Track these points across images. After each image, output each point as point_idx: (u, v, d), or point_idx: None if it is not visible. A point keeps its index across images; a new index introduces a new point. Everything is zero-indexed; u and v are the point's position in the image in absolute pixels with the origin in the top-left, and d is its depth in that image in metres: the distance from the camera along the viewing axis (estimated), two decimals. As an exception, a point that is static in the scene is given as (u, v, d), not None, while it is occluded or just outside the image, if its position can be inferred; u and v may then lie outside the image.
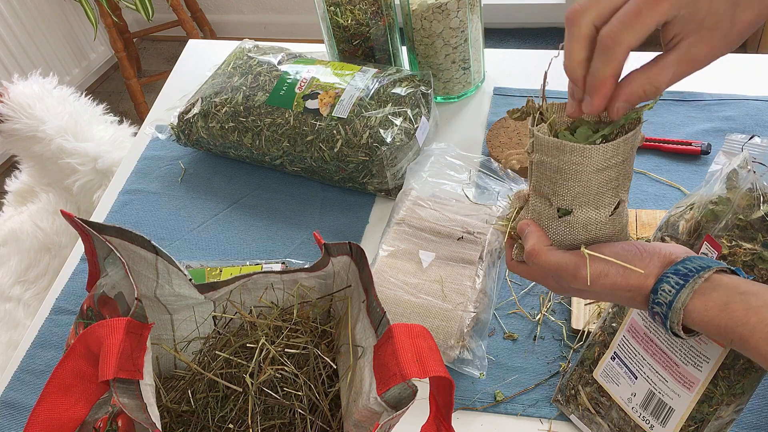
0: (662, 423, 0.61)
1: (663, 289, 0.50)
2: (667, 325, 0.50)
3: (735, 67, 1.06)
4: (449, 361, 0.75)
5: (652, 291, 0.51)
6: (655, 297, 0.51)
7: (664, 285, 0.50)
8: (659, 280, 0.51)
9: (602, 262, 0.53)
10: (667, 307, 0.50)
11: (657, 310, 0.51)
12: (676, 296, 0.49)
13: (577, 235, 0.55)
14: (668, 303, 0.50)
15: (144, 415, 0.49)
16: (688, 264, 0.50)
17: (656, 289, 0.51)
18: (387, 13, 1.02)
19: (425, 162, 0.93)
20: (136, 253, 0.62)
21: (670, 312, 0.50)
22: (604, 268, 0.53)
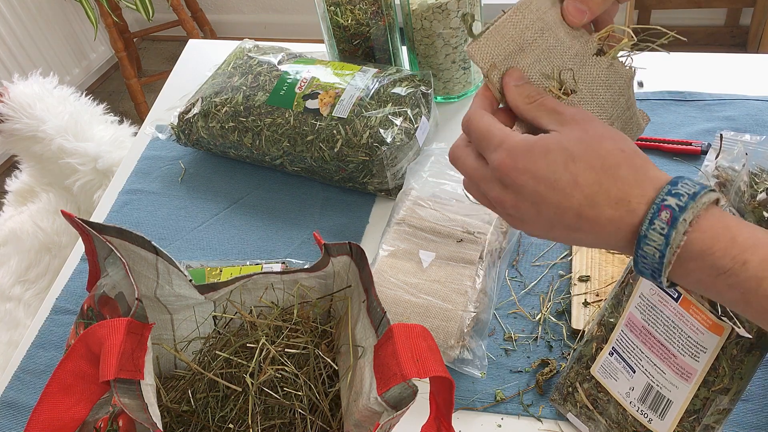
0: (660, 416, 0.62)
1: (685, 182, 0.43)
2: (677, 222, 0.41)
3: (735, 67, 1.06)
4: (449, 361, 0.75)
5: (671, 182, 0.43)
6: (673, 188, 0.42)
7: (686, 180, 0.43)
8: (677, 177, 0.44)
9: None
10: (690, 197, 0.42)
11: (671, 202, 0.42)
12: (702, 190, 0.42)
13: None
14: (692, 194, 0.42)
15: (145, 415, 0.50)
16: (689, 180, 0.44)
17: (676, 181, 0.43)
18: (387, 13, 1.02)
19: (425, 162, 0.93)
20: (136, 253, 0.62)
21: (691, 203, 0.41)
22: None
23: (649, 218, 0.43)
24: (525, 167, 0.46)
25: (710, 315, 0.57)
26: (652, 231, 0.42)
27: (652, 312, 0.62)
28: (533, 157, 0.45)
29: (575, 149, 0.45)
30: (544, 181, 0.45)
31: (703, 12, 2.40)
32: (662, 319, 0.61)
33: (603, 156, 0.45)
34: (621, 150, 0.45)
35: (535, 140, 0.46)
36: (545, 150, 0.45)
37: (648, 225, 0.43)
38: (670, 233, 0.42)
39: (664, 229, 0.42)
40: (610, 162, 0.44)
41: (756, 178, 0.56)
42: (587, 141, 0.45)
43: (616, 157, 0.44)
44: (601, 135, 0.46)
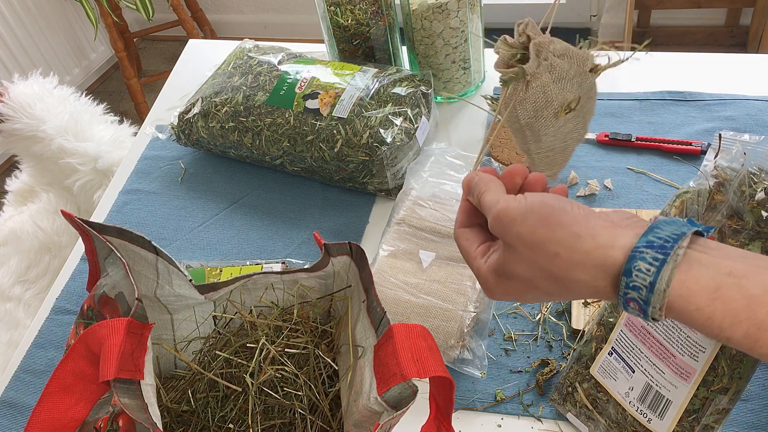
0: (660, 416, 0.62)
1: (639, 268, 0.41)
2: (648, 312, 0.41)
3: (735, 67, 1.07)
4: (449, 361, 0.75)
5: (624, 273, 0.41)
6: (629, 280, 0.41)
7: (639, 263, 0.41)
8: (631, 257, 0.41)
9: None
10: (648, 291, 0.41)
11: (633, 296, 0.41)
12: (657, 276, 0.40)
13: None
14: (648, 286, 0.40)
15: (145, 415, 0.50)
16: (659, 232, 0.41)
17: (629, 270, 0.41)
18: (387, 13, 1.02)
19: (425, 162, 0.93)
20: (136, 253, 0.62)
21: (652, 296, 0.41)
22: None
23: (623, 306, 0.43)
24: (502, 293, 0.50)
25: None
26: (630, 309, 0.43)
27: (651, 312, 0.62)
28: (501, 285, 0.49)
29: (523, 272, 0.47)
30: (524, 297, 0.49)
31: (703, 12, 2.40)
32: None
33: (547, 268, 0.45)
34: (556, 255, 0.44)
35: (495, 268, 0.49)
36: (505, 276, 0.49)
37: (625, 308, 0.43)
38: (646, 318, 0.42)
39: (639, 314, 0.43)
40: (557, 271, 0.45)
41: (755, 178, 0.56)
42: (524, 259, 0.46)
43: (558, 265, 0.44)
44: (531, 245, 0.46)
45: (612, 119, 1.02)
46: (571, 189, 0.93)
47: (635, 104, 1.03)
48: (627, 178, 0.93)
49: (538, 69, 0.58)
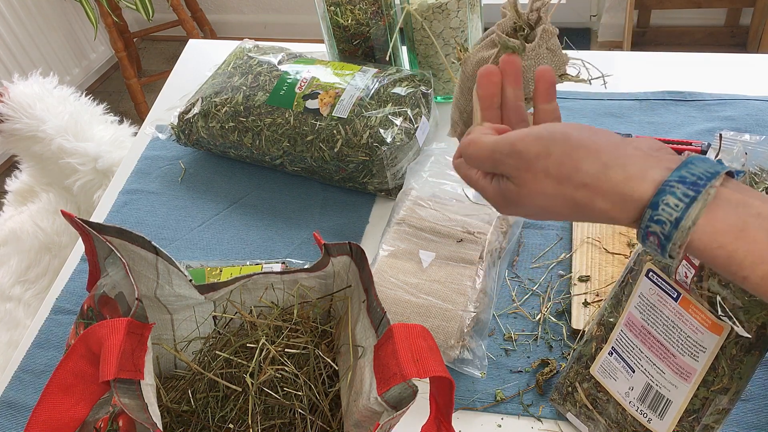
0: (660, 416, 0.62)
1: (667, 202, 0.40)
2: (667, 248, 0.41)
3: (735, 67, 1.07)
4: (449, 361, 0.75)
5: (650, 206, 0.41)
6: (654, 213, 0.40)
7: (668, 197, 0.40)
8: (660, 190, 0.40)
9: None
10: (673, 226, 0.40)
11: (655, 230, 0.41)
12: (685, 212, 0.39)
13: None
14: (674, 222, 0.40)
15: (145, 415, 0.50)
16: (693, 169, 0.40)
17: (656, 203, 0.40)
18: (387, 13, 1.02)
19: (425, 162, 0.93)
20: (136, 253, 0.62)
21: (675, 232, 0.40)
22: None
23: (641, 238, 0.43)
24: (511, 211, 0.50)
25: (710, 315, 0.57)
26: (648, 245, 0.43)
27: (651, 312, 0.62)
28: (512, 208, 0.49)
29: (541, 202, 0.46)
30: (536, 217, 0.49)
31: (703, 12, 2.40)
32: (662, 318, 0.61)
33: (570, 197, 0.44)
34: (583, 185, 0.44)
35: (503, 193, 0.49)
36: (517, 203, 0.48)
37: (642, 241, 0.43)
38: (664, 254, 0.42)
39: (657, 250, 0.42)
40: (580, 200, 0.44)
41: (756, 178, 0.56)
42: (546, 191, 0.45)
43: (583, 195, 0.44)
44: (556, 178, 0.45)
45: (612, 119, 1.02)
46: (571, 189, 0.93)
47: (635, 104, 1.03)
48: (627, 178, 0.93)
49: (532, 52, 0.58)
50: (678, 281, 0.59)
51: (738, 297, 0.55)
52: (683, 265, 0.57)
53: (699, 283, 0.57)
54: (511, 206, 0.49)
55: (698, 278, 0.56)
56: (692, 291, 0.58)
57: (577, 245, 0.85)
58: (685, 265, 0.57)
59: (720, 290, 0.55)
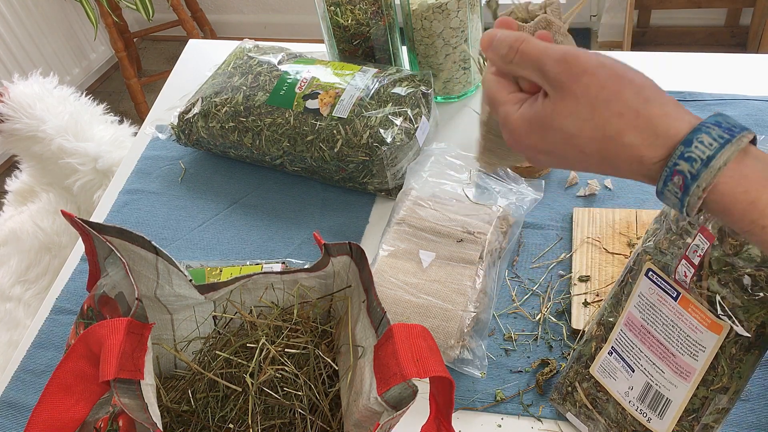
0: (659, 415, 0.62)
1: (701, 140, 0.40)
2: (690, 189, 0.41)
3: (735, 67, 1.06)
4: (449, 361, 0.75)
5: (683, 142, 0.41)
6: (687, 150, 0.40)
7: (704, 136, 0.40)
8: (696, 129, 0.41)
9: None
10: (703, 164, 0.40)
11: (683, 168, 0.40)
12: (718, 152, 0.39)
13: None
14: (705, 159, 0.40)
15: (145, 414, 0.50)
16: (727, 118, 0.41)
17: (690, 140, 0.40)
18: (387, 13, 1.02)
19: (425, 162, 0.93)
20: (136, 253, 0.62)
21: (704, 171, 0.40)
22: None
23: (663, 180, 0.42)
24: (530, 145, 0.47)
25: (709, 314, 0.57)
26: (667, 191, 0.43)
27: (651, 311, 0.62)
28: (534, 137, 0.47)
29: (570, 125, 0.44)
30: (554, 154, 0.47)
31: (703, 12, 2.40)
32: (661, 318, 0.61)
33: (601, 127, 0.43)
34: (618, 115, 0.43)
35: (530, 118, 0.46)
36: (542, 129, 0.46)
37: (662, 186, 0.43)
38: (684, 198, 0.42)
39: (677, 193, 0.42)
40: (611, 131, 0.43)
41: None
42: (580, 113, 0.44)
43: (615, 125, 0.43)
44: (592, 102, 0.43)
45: (612, 119, 1.02)
46: (571, 188, 0.93)
47: (635, 104, 1.03)
48: (627, 178, 0.93)
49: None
50: (677, 281, 0.59)
51: (737, 296, 0.55)
52: (683, 264, 0.57)
53: (698, 282, 0.57)
54: (533, 134, 0.46)
55: (698, 278, 0.57)
56: (692, 290, 0.58)
57: (577, 245, 0.85)
58: (685, 264, 0.57)
59: (719, 289, 0.55)
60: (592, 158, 0.45)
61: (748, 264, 0.54)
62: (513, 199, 0.88)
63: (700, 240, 0.56)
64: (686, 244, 0.57)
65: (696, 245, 0.56)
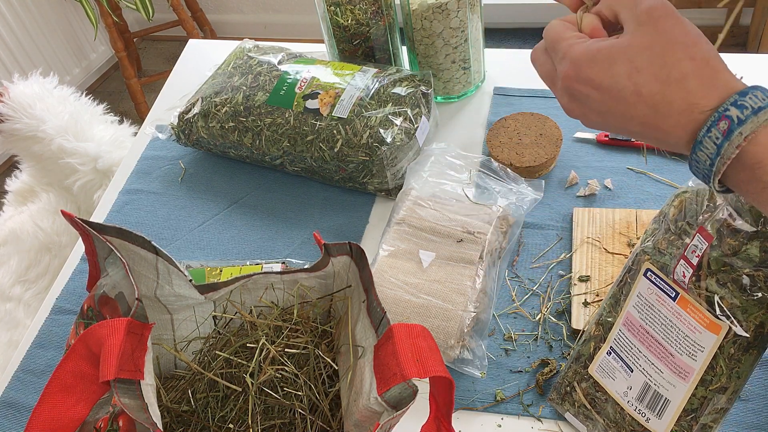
0: (658, 415, 0.62)
1: (755, 94, 0.42)
2: (733, 135, 0.42)
3: (735, 67, 1.06)
4: (449, 361, 0.75)
5: (739, 93, 0.43)
6: (740, 99, 0.42)
7: (758, 92, 0.42)
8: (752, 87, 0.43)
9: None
10: (753, 112, 0.42)
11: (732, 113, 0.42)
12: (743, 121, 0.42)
13: None
14: (756, 108, 0.42)
15: (145, 415, 0.50)
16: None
17: (746, 92, 0.43)
18: (387, 13, 1.02)
19: (425, 162, 0.94)
20: (136, 253, 0.62)
21: (752, 118, 0.41)
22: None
23: (708, 125, 0.43)
24: (588, 77, 0.47)
25: (708, 314, 0.57)
26: (707, 138, 0.43)
27: (649, 311, 0.62)
28: (596, 68, 0.47)
29: (640, 59, 0.45)
30: (608, 92, 0.46)
31: (703, 12, 2.40)
32: (660, 318, 0.61)
33: (670, 66, 0.44)
34: (690, 58, 0.44)
35: (598, 49, 0.47)
36: (609, 60, 0.46)
37: (705, 132, 0.43)
38: (723, 144, 0.42)
39: (718, 138, 0.43)
40: (677, 74, 0.44)
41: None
42: (655, 49, 0.45)
43: (684, 68, 0.44)
44: (672, 41, 0.45)
45: (612, 119, 1.02)
46: (571, 189, 0.94)
47: (635, 104, 1.03)
48: (627, 178, 0.93)
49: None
50: (676, 281, 0.59)
51: (736, 296, 0.55)
52: (681, 264, 0.57)
53: (697, 282, 0.57)
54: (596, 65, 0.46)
55: (696, 278, 0.57)
56: (690, 290, 0.58)
57: (577, 245, 0.85)
58: (683, 264, 0.57)
59: (718, 290, 0.55)
60: (644, 103, 0.45)
61: (747, 264, 0.54)
62: (513, 199, 0.88)
63: (698, 240, 0.56)
64: (685, 244, 0.57)
65: (694, 245, 0.56)
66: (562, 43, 0.49)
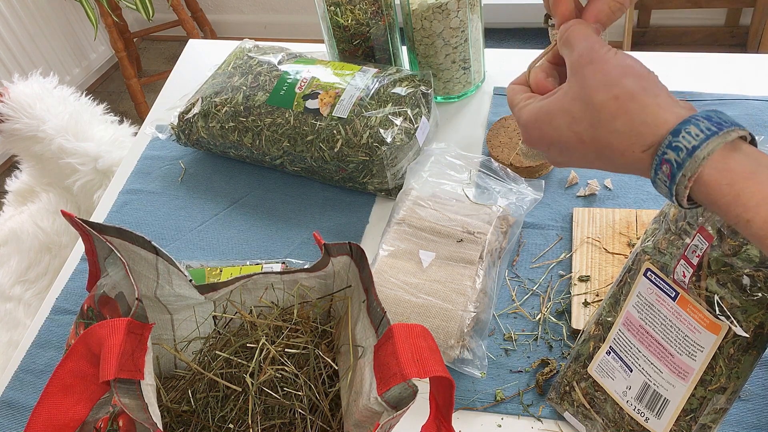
0: (657, 415, 0.62)
1: (689, 131, 0.42)
2: (676, 178, 0.42)
3: (735, 67, 1.07)
4: (449, 361, 0.75)
5: (672, 132, 0.42)
6: (674, 140, 0.42)
7: (692, 127, 0.42)
8: (686, 120, 0.42)
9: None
10: (688, 154, 0.41)
11: (670, 157, 0.42)
12: (703, 142, 0.41)
13: None
14: (690, 149, 0.41)
15: (145, 415, 0.50)
16: (721, 115, 0.43)
17: (678, 130, 0.42)
18: (387, 13, 1.02)
19: (425, 162, 0.94)
20: (136, 253, 0.62)
21: (689, 161, 0.41)
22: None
23: (654, 168, 0.44)
24: (538, 137, 0.51)
25: (707, 314, 0.57)
26: (658, 180, 0.44)
27: (649, 311, 0.62)
28: (541, 127, 0.50)
29: (575, 109, 0.47)
30: (557, 144, 0.49)
31: (703, 12, 2.40)
32: (659, 318, 0.61)
33: (597, 110, 0.46)
34: (614, 98, 0.45)
35: (539, 108, 0.50)
36: (549, 116, 0.49)
37: (654, 175, 0.44)
38: (671, 187, 0.43)
39: (666, 182, 0.44)
40: (605, 116, 0.45)
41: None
42: (584, 97, 0.46)
43: (610, 109, 0.45)
44: (596, 85, 0.46)
45: (612, 119, 1.02)
46: (571, 188, 0.94)
47: (635, 104, 1.03)
48: (627, 178, 0.93)
49: None
50: (676, 281, 0.59)
51: (736, 297, 0.55)
52: (681, 264, 0.57)
53: (697, 282, 0.57)
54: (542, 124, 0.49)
55: (696, 278, 0.57)
56: (690, 290, 0.58)
57: (577, 245, 0.85)
58: (684, 264, 0.57)
59: (718, 290, 0.55)
60: (589, 148, 0.47)
61: (747, 264, 0.54)
62: (513, 199, 0.88)
63: (698, 240, 0.56)
64: (685, 244, 0.57)
65: (695, 245, 0.56)
66: (514, 110, 0.53)
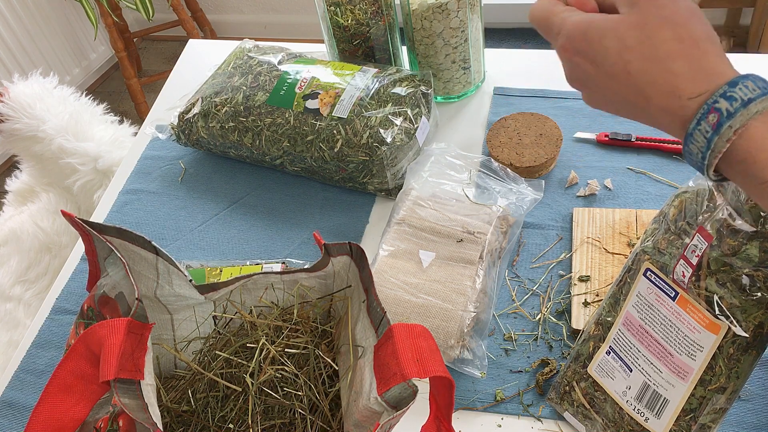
0: (657, 415, 0.62)
1: (746, 84, 0.41)
2: (722, 128, 0.41)
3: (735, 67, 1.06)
4: (449, 361, 0.75)
5: (729, 83, 0.42)
6: (730, 89, 0.41)
7: (749, 82, 0.41)
8: (743, 76, 0.42)
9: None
10: (742, 104, 0.40)
11: (721, 106, 0.41)
12: (760, 97, 0.40)
13: None
14: (746, 101, 0.40)
15: (145, 415, 0.50)
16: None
17: (736, 82, 0.41)
18: (387, 13, 1.02)
19: (425, 162, 0.94)
20: (136, 253, 0.62)
21: (741, 111, 0.40)
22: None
23: (698, 118, 0.42)
24: (583, 50, 0.47)
25: (707, 314, 0.57)
26: (697, 131, 0.42)
27: (649, 311, 0.62)
28: (588, 41, 0.46)
29: (630, 37, 0.45)
30: (601, 66, 0.46)
31: (703, 12, 2.40)
32: (659, 318, 0.61)
33: (657, 46, 0.44)
34: (678, 39, 0.43)
35: (590, 21, 0.46)
36: (600, 35, 0.46)
37: (695, 124, 0.42)
38: (712, 138, 0.42)
39: (708, 132, 0.42)
40: (663, 53, 0.43)
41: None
42: (644, 28, 0.44)
43: (671, 48, 0.43)
44: (661, 19, 0.44)
45: (612, 119, 1.02)
46: (571, 189, 0.94)
47: (635, 104, 1.03)
48: (627, 178, 0.93)
49: None
50: (676, 280, 0.59)
51: (735, 296, 0.55)
52: (681, 264, 0.57)
53: (697, 282, 0.57)
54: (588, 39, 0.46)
55: (696, 278, 0.57)
56: (690, 290, 0.58)
57: (577, 245, 0.85)
58: (683, 264, 0.57)
59: (717, 289, 0.55)
60: (632, 82, 0.45)
61: (747, 264, 0.54)
62: (513, 199, 0.88)
63: (698, 240, 0.56)
64: (684, 244, 0.57)
65: (694, 245, 0.56)
66: (554, 18, 0.49)
